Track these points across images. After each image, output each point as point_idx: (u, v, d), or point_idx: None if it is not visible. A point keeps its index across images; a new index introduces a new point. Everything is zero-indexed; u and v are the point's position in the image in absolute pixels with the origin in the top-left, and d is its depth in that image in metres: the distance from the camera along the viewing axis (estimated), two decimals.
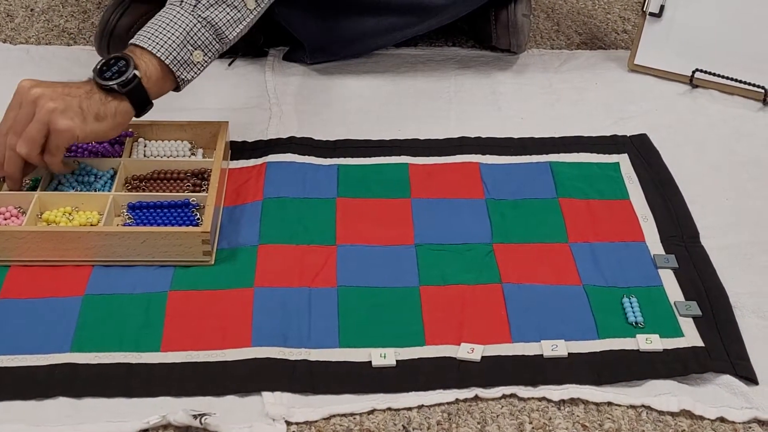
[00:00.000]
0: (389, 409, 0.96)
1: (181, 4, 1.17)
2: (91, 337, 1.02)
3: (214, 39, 1.19)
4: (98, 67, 1.13)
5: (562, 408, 0.97)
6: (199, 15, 1.17)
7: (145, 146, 1.26)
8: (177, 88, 1.19)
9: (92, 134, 1.12)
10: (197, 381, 0.98)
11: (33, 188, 1.18)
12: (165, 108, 1.38)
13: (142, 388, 0.97)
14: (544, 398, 0.98)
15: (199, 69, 1.19)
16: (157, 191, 1.19)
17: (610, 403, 0.97)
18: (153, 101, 1.17)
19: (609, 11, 1.75)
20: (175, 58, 1.15)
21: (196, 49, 1.17)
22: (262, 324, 1.04)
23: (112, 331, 1.03)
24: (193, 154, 1.27)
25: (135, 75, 1.12)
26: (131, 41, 1.17)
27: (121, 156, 1.24)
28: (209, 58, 1.19)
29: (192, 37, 1.17)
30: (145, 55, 1.15)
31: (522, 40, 1.52)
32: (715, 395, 0.98)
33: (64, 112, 1.09)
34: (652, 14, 1.50)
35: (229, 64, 1.53)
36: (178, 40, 1.15)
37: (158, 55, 1.15)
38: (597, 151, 1.34)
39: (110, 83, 1.12)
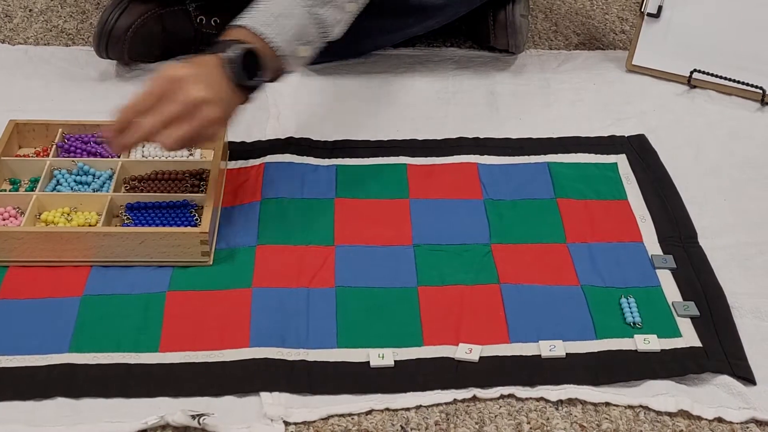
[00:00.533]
0: (387, 409, 0.97)
1: (299, 2, 1.14)
2: (90, 338, 1.02)
3: (319, 36, 1.18)
4: (230, 57, 1.08)
5: (560, 408, 0.97)
6: (313, 11, 1.15)
7: (143, 147, 1.26)
8: (273, 79, 1.17)
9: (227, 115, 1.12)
10: (195, 381, 0.98)
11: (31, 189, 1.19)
12: None
13: (140, 389, 0.97)
14: (542, 398, 0.98)
15: (301, 63, 1.18)
16: (156, 192, 1.19)
17: (608, 404, 0.98)
18: None
19: (607, 12, 1.75)
20: (285, 51, 1.13)
21: (303, 45, 1.16)
22: (260, 324, 1.04)
23: (110, 331, 1.03)
24: (191, 154, 1.27)
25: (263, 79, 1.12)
26: (246, 23, 1.12)
27: (119, 156, 1.24)
28: (311, 54, 1.18)
29: (304, 33, 1.15)
30: (263, 45, 1.11)
31: (520, 40, 1.52)
32: (713, 395, 0.98)
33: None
34: (650, 15, 1.51)
35: None
36: (292, 33, 1.13)
37: (273, 47, 1.12)
38: (595, 151, 1.34)
39: (249, 83, 1.10)
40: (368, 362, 1.00)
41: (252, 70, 1.10)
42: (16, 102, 1.42)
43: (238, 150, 1.32)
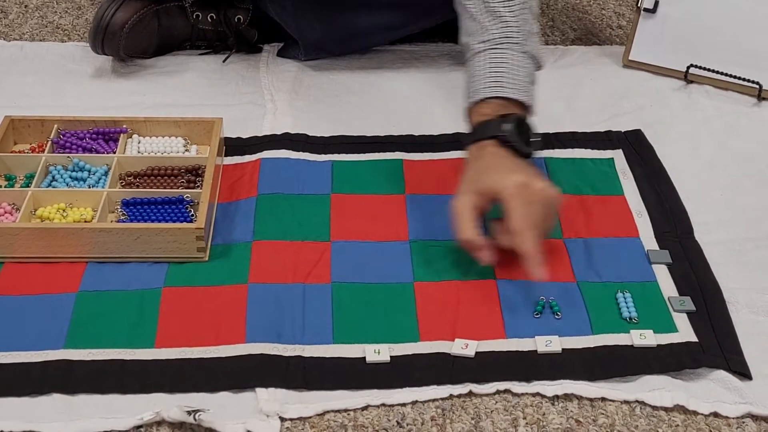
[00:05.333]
0: (383, 404, 0.97)
1: (510, 47, 1.17)
2: (85, 334, 1.02)
3: (535, 68, 1.20)
4: (524, 138, 1.12)
5: (556, 403, 0.97)
6: (525, 51, 1.18)
7: (139, 142, 1.26)
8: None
9: None
10: (191, 377, 0.98)
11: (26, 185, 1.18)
12: (159, 104, 1.38)
13: (135, 385, 0.97)
14: (538, 394, 0.98)
15: (533, 93, 1.19)
16: (151, 187, 1.19)
17: (603, 399, 0.98)
18: None
19: (604, 7, 1.75)
20: (529, 97, 1.17)
21: (532, 83, 1.19)
22: (256, 320, 1.04)
23: (106, 327, 1.03)
24: (187, 150, 1.27)
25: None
26: (504, 93, 1.14)
27: (115, 152, 1.23)
28: (534, 84, 1.20)
29: (531, 73, 1.18)
30: (519, 107, 1.15)
31: None
32: (709, 390, 0.98)
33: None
34: (646, 10, 1.50)
35: (224, 61, 1.53)
36: (528, 79, 1.17)
37: (525, 102, 1.15)
38: (591, 146, 1.34)
39: (530, 150, 1.13)
40: (364, 358, 1.00)
41: (525, 136, 1.12)
42: (12, 98, 1.42)
43: (234, 146, 1.32)
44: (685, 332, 1.04)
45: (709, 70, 1.47)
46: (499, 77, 1.16)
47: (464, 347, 1.01)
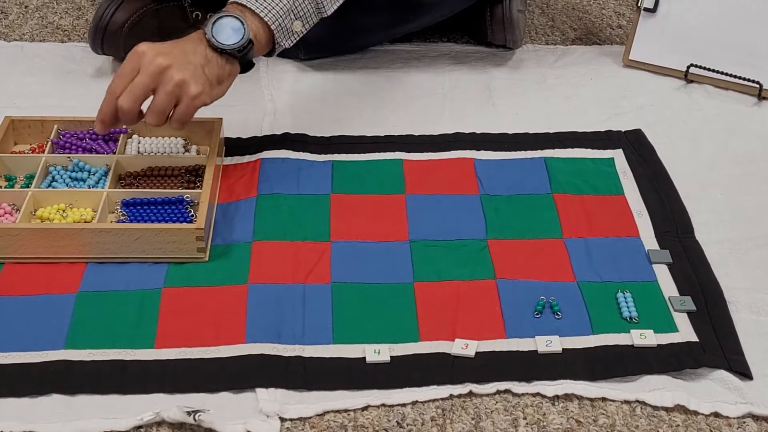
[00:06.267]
0: (383, 405, 0.96)
1: None
2: (85, 334, 1.02)
3: (314, 11, 1.20)
4: (212, 26, 1.13)
5: (556, 403, 0.97)
6: None
7: (138, 143, 1.26)
8: (270, 53, 1.21)
9: (216, 98, 1.15)
10: (191, 377, 0.98)
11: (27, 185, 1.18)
12: None
13: (135, 385, 0.97)
14: (538, 394, 0.98)
15: (295, 38, 1.20)
16: (151, 188, 1.19)
17: (604, 399, 0.97)
18: None
19: (604, 7, 1.75)
20: (279, 25, 1.17)
21: (297, 19, 1.19)
22: (256, 320, 1.04)
23: (105, 328, 1.03)
24: (187, 150, 1.26)
25: (250, 40, 1.14)
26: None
27: (114, 152, 1.23)
28: (306, 29, 1.21)
29: (297, 7, 1.18)
30: (254, 17, 1.16)
31: (518, 35, 1.52)
32: (710, 390, 0.98)
33: (195, 81, 1.11)
34: (646, 9, 1.50)
35: None
36: (285, 7, 1.17)
37: (266, 20, 1.16)
38: (592, 146, 1.34)
39: (228, 47, 1.13)
40: (364, 358, 1.00)
41: (238, 39, 1.13)
42: (12, 98, 1.42)
43: (234, 146, 1.32)
44: (685, 332, 1.04)
45: (709, 69, 1.47)
46: None
47: (464, 347, 1.01)
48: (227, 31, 1.13)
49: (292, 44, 1.21)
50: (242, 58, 1.15)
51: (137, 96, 1.11)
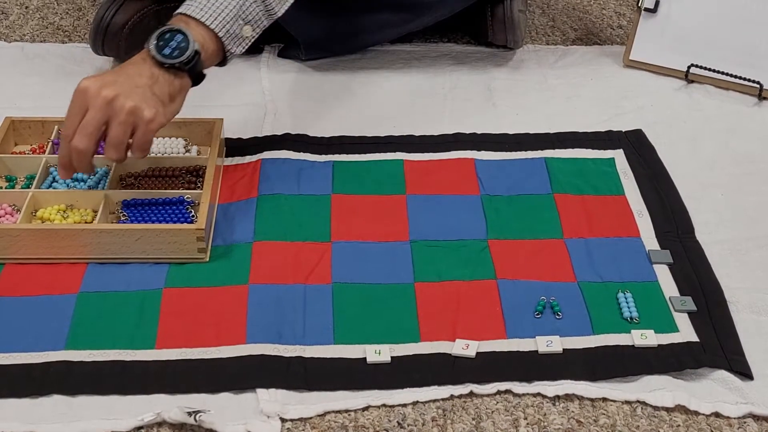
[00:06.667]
0: (384, 405, 0.96)
1: None
2: (86, 335, 1.02)
3: (263, 14, 1.18)
4: (156, 42, 1.10)
5: (557, 404, 0.97)
6: None
7: None
8: (222, 62, 1.18)
9: (172, 116, 1.12)
10: (192, 378, 0.98)
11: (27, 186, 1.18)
12: None
13: (136, 386, 0.97)
14: (539, 394, 0.98)
15: (246, 44, 1.17)
16: (152, 188, 1.19)
17: (605, 399, 0.97)
18: None
19: (604, 7, 1.75)
20: (227, 31, 1.14)
21: (246, 24, 1.16)
22: (256, 321, 1.04)
23: (106, 328, 1.03)
24: (187, 151, 1.26)
25: (196, 51, 1.10)
26: (180, 10, 1.14)
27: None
28: (257, 33, 1.18)
29: (244, 11, 1.15)
30: (199, 27, 1.12)
31: (519, 35, 1.52)
32: (710, 390, 0.98)
33: (146, 105, 1.07)
34: (647, 9, 1.50)
35: None
36: (231, 13, 1.14)
37: (212, 27, 1.13)
38: (592, 146, 1.34)
39: (174, 62, 1.10)
40: (365, 358, 1.00)
41: (183, 51, 1.09)
42: (12, 99, 1.42)
43: (235, 146, 1.32)
44: (686, 332, 1.04)
45: (709, 69, 1.47)
46: None
47: (465, 347, 1.01)
48: (171, 44, 1.10)
49: (243, 50, 1.17)
50: (191, 71, 1.11)
51: (90, 133, 1.06)
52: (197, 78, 1.14)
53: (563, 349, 1.02)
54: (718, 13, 1.47)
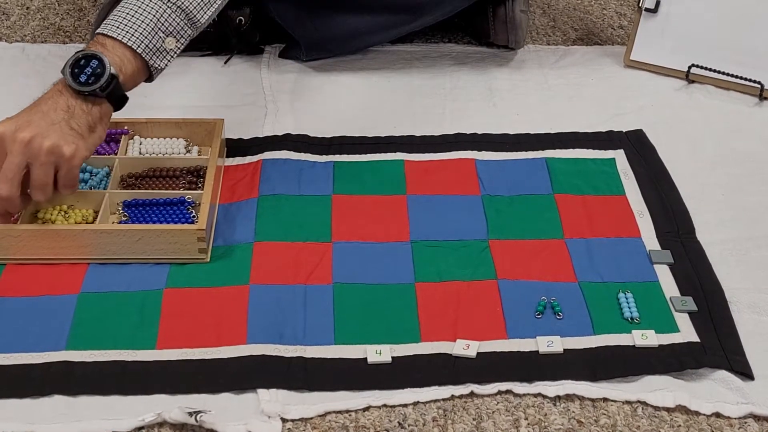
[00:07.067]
0: (385, 405, 0.97)
1: None
2: (87, 335, 1.02)
3: (186, 24, 1.13)
4: (70, 70, 1.06)
5: (557, 404, 0.97)
6: (174, 2, 1.12)
7: (140, 144, 1.26)
8: (150, 78, 1.14)
9: (94, 146, 1.09)
10: (192, 378, 0.98)
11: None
12: (160, 105, 1.38)
13: (137, 386, 0.97)
14: (539, 394, 0.98)
15: (171, 56, 1.13)
16: (153, 189, 1.19)
17: (605, 399, 0.97)
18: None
19: (605, 7, 1.75)
20: (147, 46, 1.10)
21: (168, 36, 1.12)
22: (257, 321, 1.04)
23: (107, 329, 1.03)
24: (188, 151, 1.27)
25: (112, 75, 1.06)
26: (98, 30, 1.10)
27: (116, 154, 1.24)
28: (182, 44, 1.14)
29: (163, 23, 1.11)
30: (116, 46, 1.08)
31: (520, 36, 1.52)
32: (711, 390, 0.98)
33: (65, 142, 1.04)
34: (647, 10, 1.50)
35: (225, 62, 1.53)
36: (149, 27, 1.10)
37: (130, 44, 1.09)
38: (593, 146, 1.34)
39: (89, 89, 1.06)
40: (365, 359, 1.00)
41: (99, 77, 1.06)
42: (13, 100, 1.41)
43: (236, 147, 1.32)
44: (686, 332, 1.04)
45: (710, 69, 1.47)
46: (113, 16, 1.10)
47: (466, 348, 1.01)
48: (87, 71, 1.05)
49: (168, 63, 1.13)
50: (110, 96, 1.07)
51: (11, 178, 1.03)
52: (119, 101, 1.10)
53: (564, 350, 1.02)
54: (718, 13, 1.47)
